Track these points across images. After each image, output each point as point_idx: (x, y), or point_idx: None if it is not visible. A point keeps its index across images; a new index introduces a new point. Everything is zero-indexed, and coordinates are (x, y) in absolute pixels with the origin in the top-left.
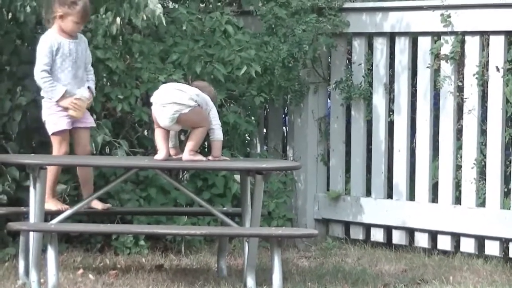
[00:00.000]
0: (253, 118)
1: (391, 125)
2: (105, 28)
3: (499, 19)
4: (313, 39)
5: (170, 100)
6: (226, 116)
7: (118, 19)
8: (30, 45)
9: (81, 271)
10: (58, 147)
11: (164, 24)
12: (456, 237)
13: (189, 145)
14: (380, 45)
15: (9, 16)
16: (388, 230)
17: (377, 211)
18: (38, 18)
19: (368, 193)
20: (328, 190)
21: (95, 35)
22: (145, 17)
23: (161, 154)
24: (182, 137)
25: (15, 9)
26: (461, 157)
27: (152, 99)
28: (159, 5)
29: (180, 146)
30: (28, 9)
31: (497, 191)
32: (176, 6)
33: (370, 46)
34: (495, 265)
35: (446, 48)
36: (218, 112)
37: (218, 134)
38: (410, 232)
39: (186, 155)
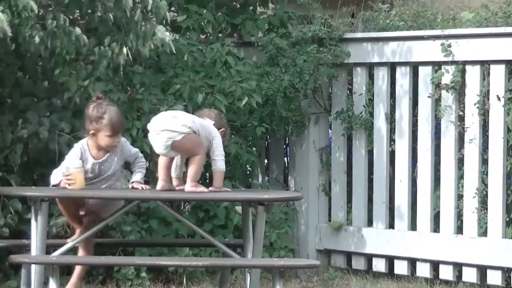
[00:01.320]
0: (254, 148)
1: (392, 154)
2: (109, 60)
3: (499, 48)
4: (314, 69)
5: (163, 127)
6: (228, 147)
7: (124, 50)
8: (31, 77)
9: None
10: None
11: (174, 51)
12: (458, 267)
13: (190, 175)
14: (381, 74)
15: (13, 47)
16: (390, 260)
17: (379, 241)
18: (46, 50)
19: (370, 223)
20: (329, 220)
21: (97, 67)
22: (152, 46)
23: (159, 184)
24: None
25: (24, 40)
26: (462, 186)
27: (148, 126)
28: (167, 33)
29: (184, 176)
30: (36, 39)
31: (499, 221)
32: (177, 37)
33: (371, 76)
34: None
35: (447, 78)
36: None
37: (220, 165)
38: (412, 262)
39: (188, 186)
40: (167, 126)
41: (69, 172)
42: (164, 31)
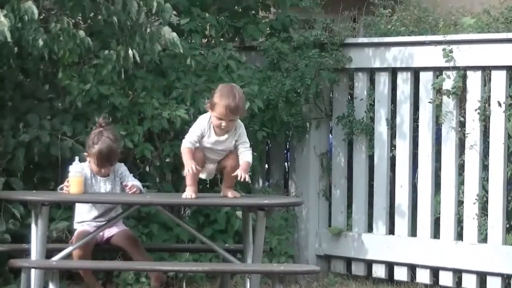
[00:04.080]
0: (255, 153)
1: (393, 160)
2: (113, 63)
3: (501, 54)
4: (315, 74)
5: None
6: None
7: (130, 52)
8: (32, 80)
9: None
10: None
11: (182, 51)
12: (458, 273)
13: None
14: (382, 80)
15: (16, 50)
16: (390, 266)
17: (379, 247)
18: (50, 53)
19: (370, 228)
20: (330, 225)
21: (100, 71)
22: (160, 47)
23: (191, 190)
24: None
25: (27, 43)
26: (463, 192)
27: None
28: (174, 34)
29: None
30: (40, 42)
31: (499, 227)
32: (180, 40)
33: (372, 81)
34: None
35: (448, 83)
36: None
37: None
38: (412, 268)
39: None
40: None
41: (68, 178)
42: (170, 32)
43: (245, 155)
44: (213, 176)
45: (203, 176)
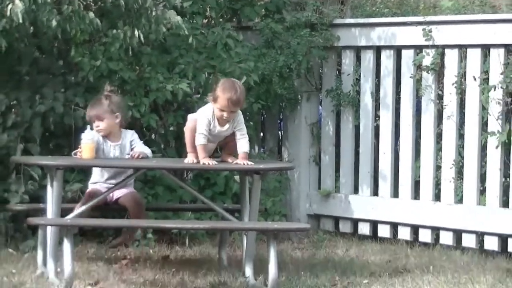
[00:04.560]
0: (251, 123)
1: (377, 129)
2: (121, 42)
3: (476, 33)
4: (306, 52)
5: None
6: None
7: (136, 33)
8: (47, 57)
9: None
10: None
11: (186, 32)
12: (436, 231)
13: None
14: (368, 57)
15: (31, 30)
16: (374, 224)
17: (364, 207)
18: (63, 31)
19: (356, 191)
20: (319, 188)
21: (109, 49)
22: (164, 29)
23: (193, 156)
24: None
25: (42, 24)
26: (440, 158)
27: None
28: (179, 17)
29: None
30: (53, 23)
31: (473, 189)
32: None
33: (358, 58)
34: (471, 256)
35: (427, 60)
36: None
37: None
38: (394, 226)
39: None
40: None
41: (80, 144)
42: (175, 15)
43: (242, 145)
44: (212, 153)
45: None
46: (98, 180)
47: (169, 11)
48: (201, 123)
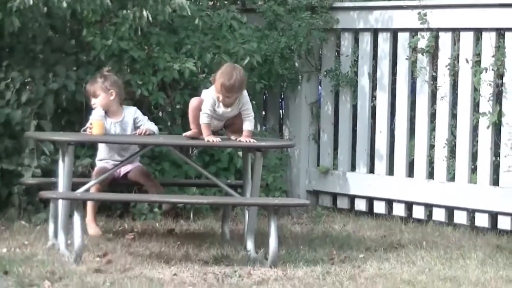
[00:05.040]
0: (254, 102)
1: (374, 109)
2: (130, 22)
3: (469, 17)
4: (307, 33)
5: None
6: None
7: (144, 13)
8: (60, 36)
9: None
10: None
11: (190, 13)
12: (429, 208)
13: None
14: (365, 39)
15: (45, 10)
16: (370, 200)
17: (361, 184)
18: (73, 12)
19: (353, 168)
20: (318, 165)
21: (120, 29)
22: (170, 10)
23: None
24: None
25: (53, 4)
26: (434, 137)
27: None
28: None
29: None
30: (64, 4)
31: (465, 168)
32: (189, 3)
33: (356, 40)
34: (463, 232)
35: (422, 43)
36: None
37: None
38: (389, 202)
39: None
40: None
41: (91, 121)
42: None
43: (247, 124)
44: (217, 130)
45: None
46: (104, 157)
47: None
48: (206, 103)
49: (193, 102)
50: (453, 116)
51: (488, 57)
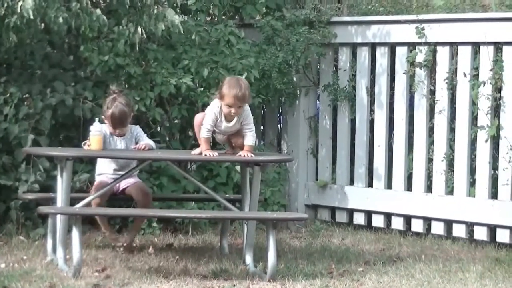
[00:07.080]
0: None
1: (372, 123)
2: (126, 38)
3: (466, 31)
4: (305, 48)
5: None
6: None
7: (139, 29)
8: (58, 52)
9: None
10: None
11: (182, 32)
12: (427, 221)
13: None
14: (363, 53)
15: (42, 26)
16: (368, 214)
17: (359, 198)
18: (69, 28)
19: (352, 182)
20: (316, 179)
21: (116, 44)
22: (163, 27)
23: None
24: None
25: (49, 20)
26: (432, 151)
27: None
28: (177, 16)
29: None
30: (60, 19)
31: (463, 181)
32: (186, 18)
33: (354, 55)
34: (462, 246)
35: (420, 57)
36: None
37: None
38: (388, 216)
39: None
40: None
41: (89, 136)
42: (173, 14)
43: (248, 139)
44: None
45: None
46: (105, 172)
47: (168, 9)
48: (207, 117)
49: (198, 118)
50: (451, 129)
51: (486, 71)
